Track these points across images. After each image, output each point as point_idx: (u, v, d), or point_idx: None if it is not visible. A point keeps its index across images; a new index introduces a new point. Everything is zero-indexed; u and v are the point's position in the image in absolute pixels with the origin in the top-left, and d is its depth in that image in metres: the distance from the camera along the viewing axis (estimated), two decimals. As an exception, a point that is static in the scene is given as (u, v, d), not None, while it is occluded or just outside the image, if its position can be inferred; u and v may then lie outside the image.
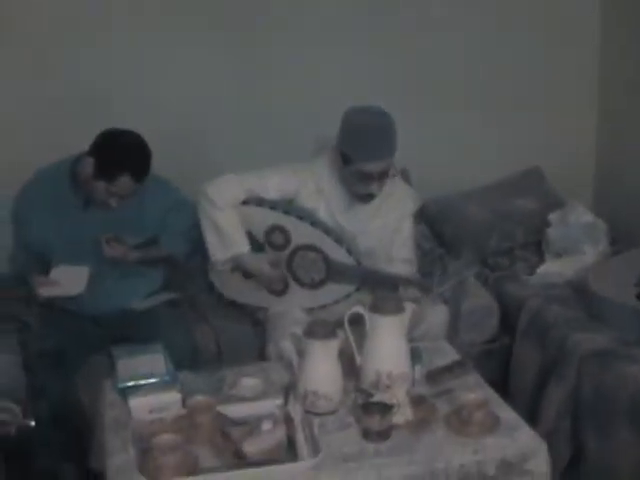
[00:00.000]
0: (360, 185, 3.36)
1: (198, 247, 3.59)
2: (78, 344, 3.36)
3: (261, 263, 3.48)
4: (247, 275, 3.54)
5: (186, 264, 3.74)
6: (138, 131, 3.34)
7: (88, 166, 3.27)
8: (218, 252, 3.47)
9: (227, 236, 3.43)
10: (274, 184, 3.47)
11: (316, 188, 3.48)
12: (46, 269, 3.42)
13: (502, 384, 3.66)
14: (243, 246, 3.45)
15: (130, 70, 4.13)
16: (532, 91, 4.72)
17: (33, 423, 3.21)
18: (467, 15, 4.51)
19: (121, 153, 3.28)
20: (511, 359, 3.88)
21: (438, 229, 4.52)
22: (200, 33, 4.18)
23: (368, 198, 3.43)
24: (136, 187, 3.32)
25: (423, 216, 4.33)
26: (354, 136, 3.31)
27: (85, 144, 3.34)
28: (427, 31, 4.47)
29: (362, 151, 3.29)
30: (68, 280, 3.38)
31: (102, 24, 4.05)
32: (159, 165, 3.50)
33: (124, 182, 3.27)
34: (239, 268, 3.53)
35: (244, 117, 4.32)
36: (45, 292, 3.37)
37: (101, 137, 3.31)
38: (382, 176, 3.35)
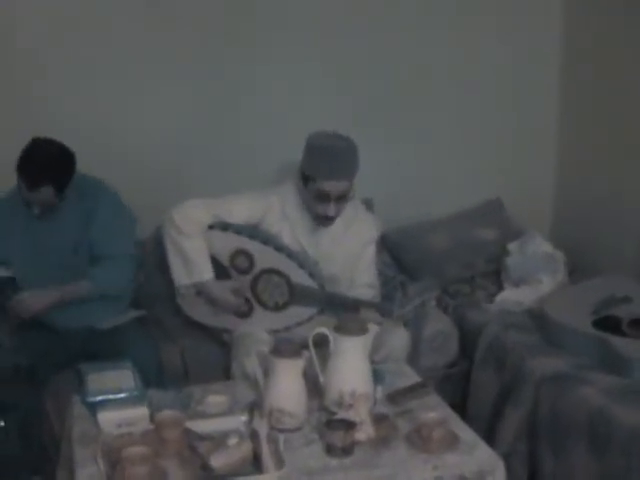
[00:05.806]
0: (319, 206, 3.43)
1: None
2: (47, 360, 3.40)
3: (224, 291, 3.54)
4: (211, 301, 3.60)
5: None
6: (105, 160, 3.40)
7: None
8: (182, 277, 3.53)
9: (192, 262, 3.48)
10: (240, 209, 3.53)
11: (282, 213, 3.54)
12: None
13: (461, 408, 3.72)
14: (207, 273, 3.51)
15: (97, 102, 4.16)
16: (494, 124, 4.81)
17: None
18: (433, 47, 4.61)
19: (22, 160, 3.35)
20: (469, 383, 3.94)
21: (400, 257, 4.57)
22: (167, 67, 4.23)
23: (326, 221, 3.48)
24: (40, 196, 3.35)
25: (385, 245, 4.41)
26: (315, 156, 3.40)
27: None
28: (391, 63, 4.56)
29: (322, 170, 3.36)
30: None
31: (71, 56, 4.09)
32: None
33: (22, 187, 3.34)
34: (203, 293, 3.59)
35: (213, 147, 4.37)
36: None
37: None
38: (340, 199, 3.42)
